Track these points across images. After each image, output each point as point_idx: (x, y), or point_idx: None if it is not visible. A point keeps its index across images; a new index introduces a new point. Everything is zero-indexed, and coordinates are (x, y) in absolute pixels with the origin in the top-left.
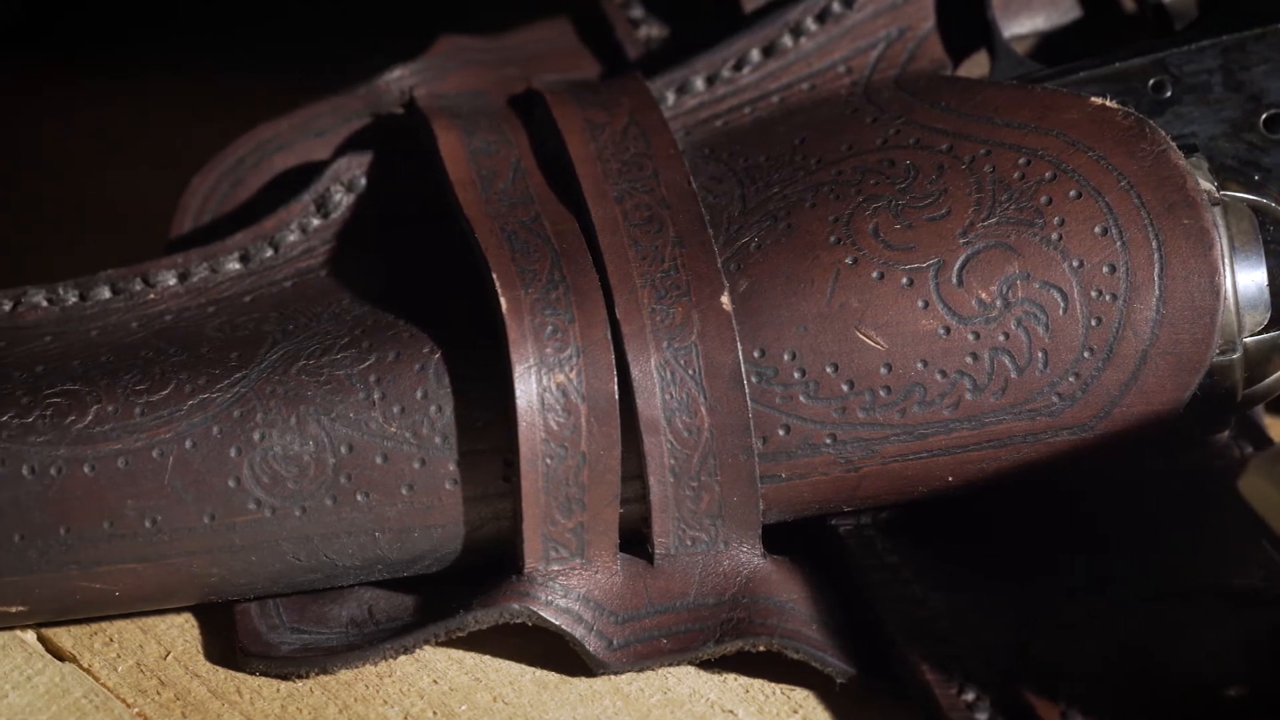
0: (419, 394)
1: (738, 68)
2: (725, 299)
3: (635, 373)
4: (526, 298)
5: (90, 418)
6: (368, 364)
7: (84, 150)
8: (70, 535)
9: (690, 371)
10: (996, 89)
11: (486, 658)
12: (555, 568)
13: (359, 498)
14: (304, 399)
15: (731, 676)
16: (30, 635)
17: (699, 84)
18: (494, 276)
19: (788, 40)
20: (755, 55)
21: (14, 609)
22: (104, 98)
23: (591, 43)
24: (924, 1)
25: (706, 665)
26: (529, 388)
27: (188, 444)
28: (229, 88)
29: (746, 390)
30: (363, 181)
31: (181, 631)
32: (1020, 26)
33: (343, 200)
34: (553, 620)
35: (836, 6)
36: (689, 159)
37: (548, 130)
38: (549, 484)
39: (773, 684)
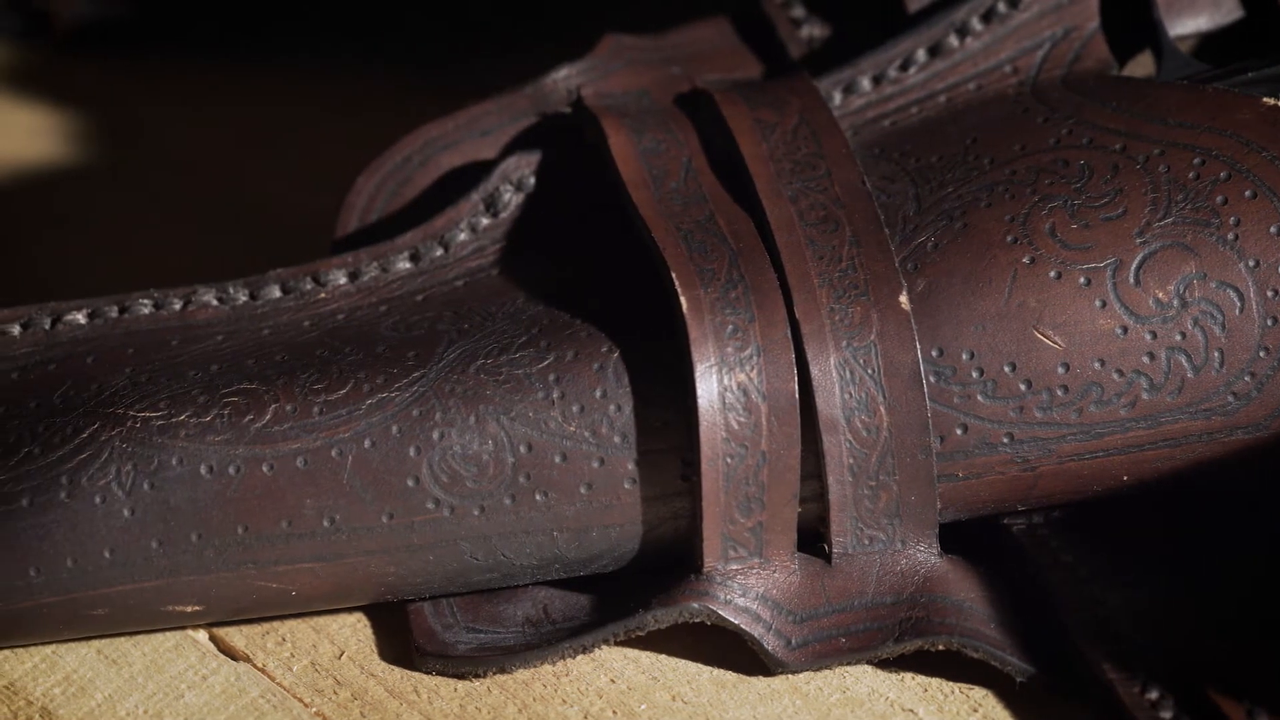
0: (598, 393)
1: (904, 68)
2: (904, 298)
3: (815, 372)
4: (706, 297)
5: (269, 417)
6: (546, 363)
7: (223, 149)
8: (248, 535)
9: (869, 371)
10: (1167, 89)
11: (663, 657)
12: (734, 567)
13: (537, 497)
14: (483, 398)
15: (909, 675)
16: (202, 635)
17: (865, 84)
18: (673, 276)
19: (953, 40)
20: (921, 55)
21: (190, 608)
22: (242, 97)
23: (752, 42)
24: (1088, 2)
25: (883, 664)
26: (710, 387)
27: (367, 443)
28: (364, 86)
29: (925, 389)
30: (531, 180)
31: (354, 631)
32: (1183, 27)
33: (512, 199)
34: (731, 619)
35: (1002, 7)
36: (859, 158)
37: (716, 130)
38: (729, 483)
39: (951, 683)
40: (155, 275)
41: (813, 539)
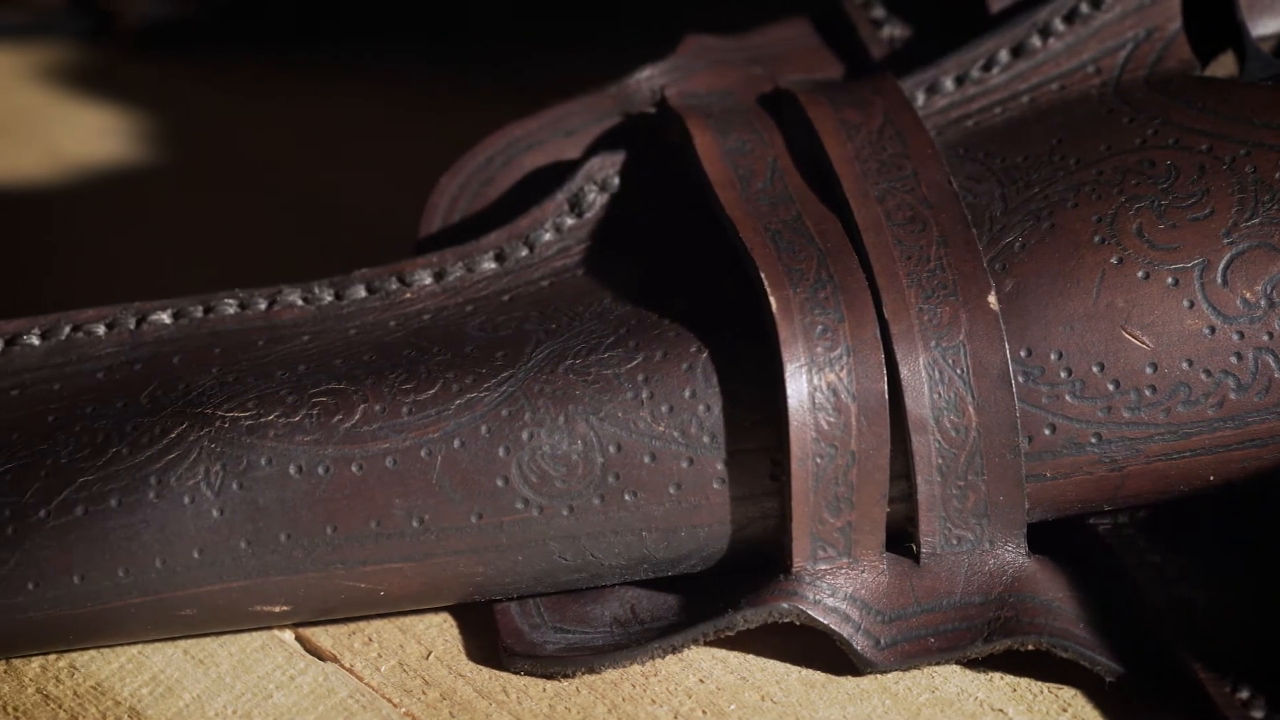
0: (687, 393)
1: (987, 68)
2: (993, 298)
3: (904, 372)
4: (795, 297)
5: (357, 416)
6: (635, 363)
7: (290, 148)
8: (337, 535)
9: (958, 371)
10: (1252, 90)
11: (750, 656)
12: (822, 567)
13: (626, 497)
14: (572, 398)
15: (997, 675)
16: (289, 635)
17: (949, 84)
18: (762, 276)
19: (1036, 41)
20: (1004, 56)
21: (278, 609)
22: (309, 96)
23: (833, 43)
24: (1171, 2)
25: (971, 664)
26: (800, 387)
27: (456, 443)
28: (430, 84)
29: (1014, 389)
30: (616, 181)
31: (441, 631)
32: (1265, 28)
33: (596, 199)
34: (821, 620)
35: (1084, 7)
36: (944, 159)
37: (800, 130)
38: (818, 483)
39: (1040, 683)
40: (226, 274)
41: (900, 539)
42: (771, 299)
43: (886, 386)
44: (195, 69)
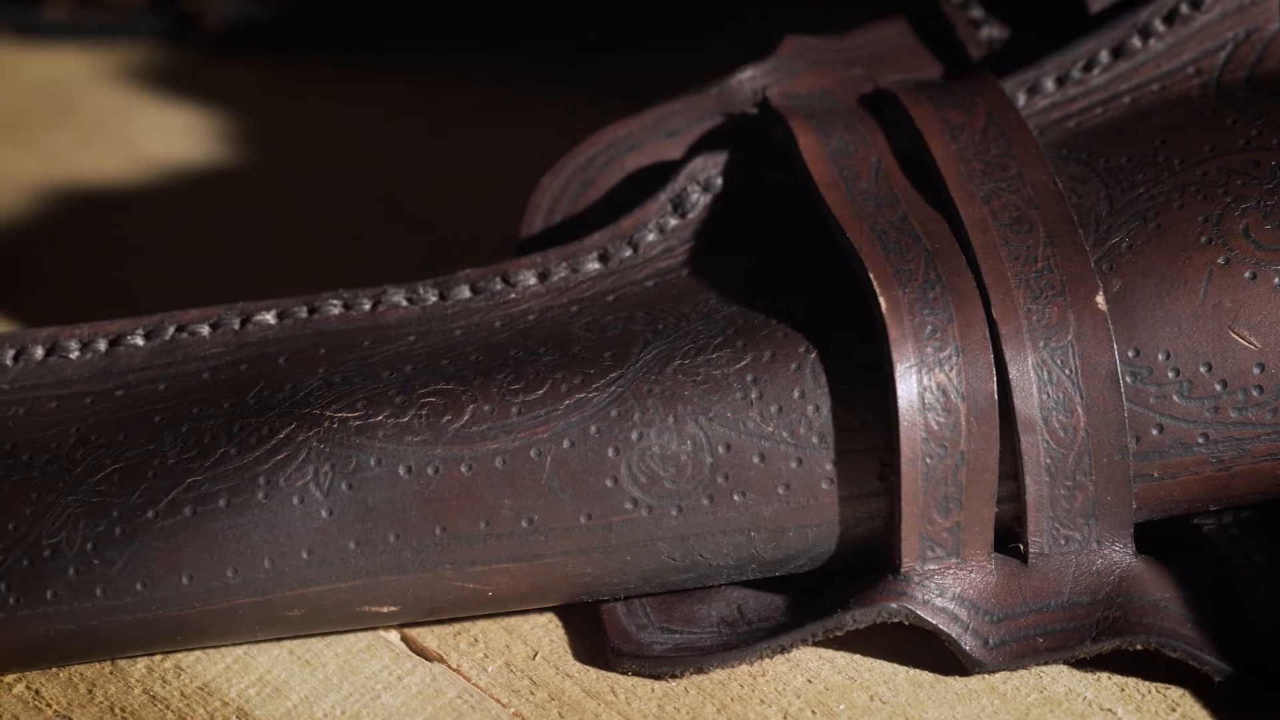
0: (796, 393)
1: (1087, 69)
2: (1100, 299)
3: (1013, 372)
4: (905, 297)
5: (467, 417)
6: (744, 363)
7: (371, 148)
8: (446, 535)
9: (1067, 371)
10: None
11: (858, 656)
12: (931, 567)
13: (735, 497)
14: (681, 399)
15: (1105, 675)
16: (394, 635)
17: (1049, 85)
18: (871, 276)
19: (1136, 42)
20: (1104, 56)
21: (385, 609)
22: (389, 96)
23: (931, 43)
24: (1270, 3)
25: (1079, 664)
26: (910, 387)
27: (565, 443)
28: (515, 85)
29: (1122, 390)
30: (719, 181)
31: (546, 631)
32: None
33: (699, 200)
34: (930, 620)
35: (1184, 8)
36: (1048, 159)
37: (901, 130)
38: (927, 483)
39: (1147, 682)
40: (312, 274)
41: (1006, 539)
42: (881, 299)
43: (996, 387)
44: (276, 69)
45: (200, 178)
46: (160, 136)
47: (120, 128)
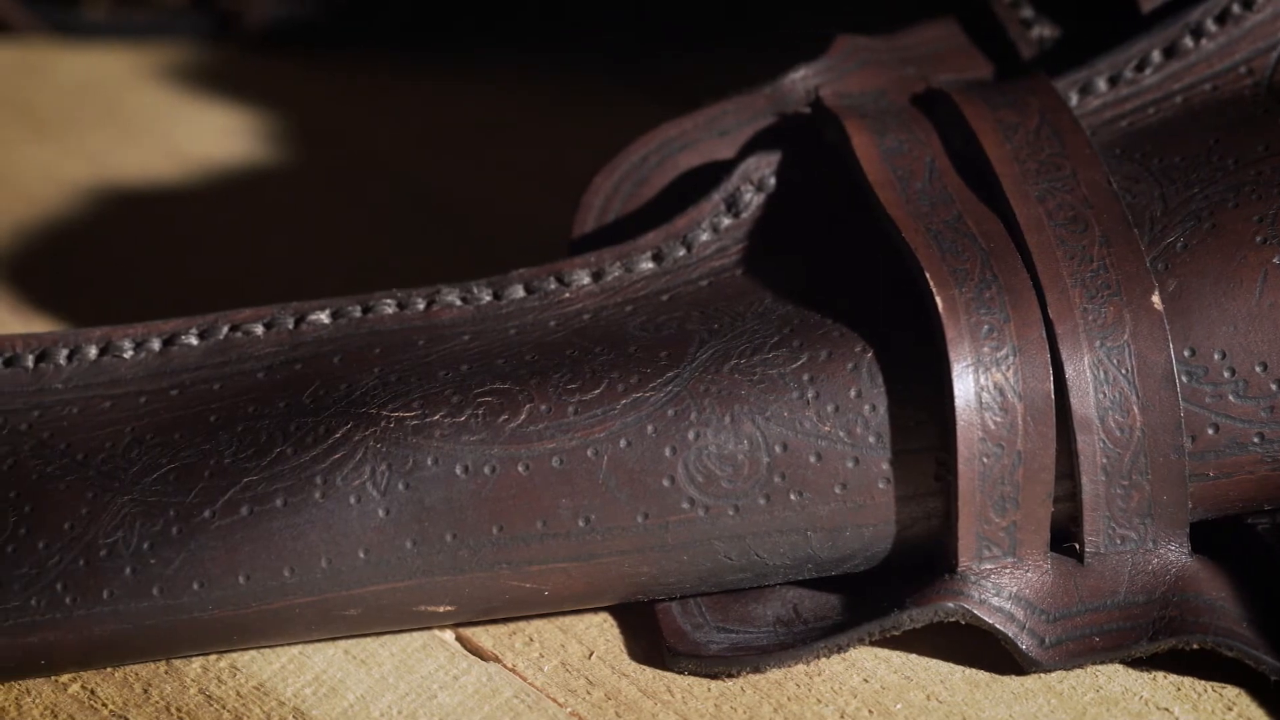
0: (853, 393)
1: (1140, 69)
2: (1156, 298)
3: (1069, 372)
4: (961, 297)
5: (523, 416)
6: (800, 363)
7: (413, 149)
8: (503, 535)
9: (1123, 371)
10: None
11: (914, 656)
12: (987, 566)
13: (792, 497)
14: (738, 398)
15: (1160, 674)
16: (449, 635)
17: (1102, 85)
18: (927, 276)
19: (1188, 41)
20: (1157, 56)
21: (442, 609)
22: (431, 96)
23: (982, 43)
24: None
25: (1134, 663)
26: (967, 386)
27: (622, 443)
28: (558, 85)
29: (1178, 389)
30: (772, 181)
31: (601, 631)
32: None
33: (753, 199)
34: (986, 619)
35: (1236, 8)
36: (1102, 159)
37: (955, 130)
38: (984, 483)
39: (1203, 682)
40: (357, 274)
41: (1061, 539)
42: (938, 299)
43: (1053, 386)
44: (317, 68)
45: (243, 177)
46: (202, 136)
47: (162, 127)
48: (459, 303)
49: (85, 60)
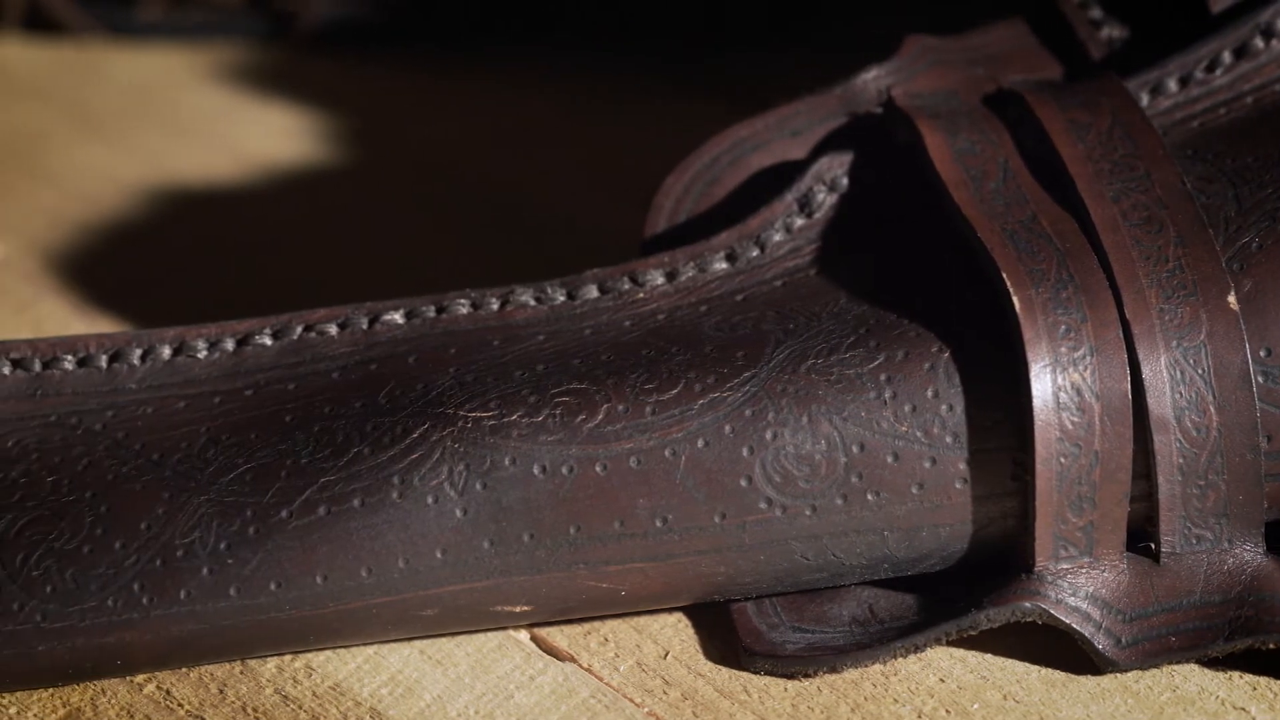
0: (929, 392)
1: (1210, 69)
2: (1232, 298)
3: (1146, 372)
4: (1038, 297)
5: (601, 416)
6: (877, 363)
7: (468, 148)
8: (580, 535)
9: (1199, 371)
10: None
11: (989, 656)
12: (1064, 566)
13: (869, 497)
14: (815, 398)
15: (1236, 674)
16: (524, 635)
17: (1172, 85)
18: (1004, 276)
19: (1259, 42)
20: (1227, 57)
21: (518, 609)
22: (486, 96)
23: (1051, 43)
24: None
25: (1210, 663)
26: (1045, 387)
27: (700, 443)
28: (613, 84)
29: (1254, 389)
30: (844, 181)
31: (676, 631)
32: None
33: (825, 200)
34: (1064, 619)
35: None
36: (1175, 159)
37: (1027, 130)
38: (1061, 483)
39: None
40: (421, 275)
41: (1136, 538)
42: (1015, 299)
43: (1130, 386)
44: (373, 68)
45: (303, 177)
46: (261, 136)
47: (219, 127)
48: (533, 303)
49: (140, 61)
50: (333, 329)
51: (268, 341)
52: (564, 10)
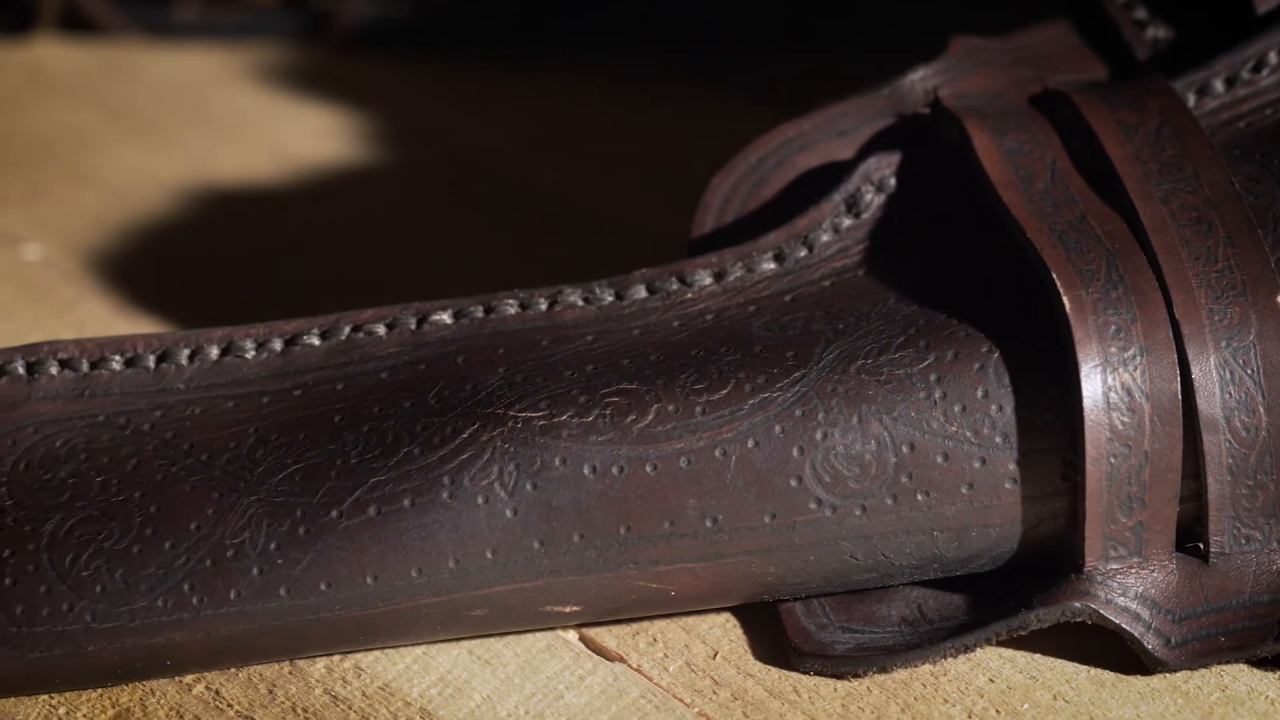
0: (979, 393)
1: (1256, 70)
2: None
3: (1196, 372)
4: (1088, 297)
5: (651, 417)
6: (927, 363)
7: (506, 149)
8: (630, 535)
9: (1249, 371)
10: None
11: (1038, 656)
12: (1114, 566)
13: (919, 497)
14: (865, 398)
15: None
16: (573, 635)
17: (1219, 86)
18: (1054, 276)
19: None
20: (1273, 58)
21: (568, 609)
22: (524, 97)
23: (1096, 44)
24: None
25: (1260, 663)
26: (1095, 387)
27: (750, 443)
28: (651, 87)
29: None
30: (892, 181)
31: (724, 631)
32: None
33: (873, 200)
34: (1113, 619)
35: None
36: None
37: (1074, 130)
38: (1111, 483)
39: None
40: (467, 275)
41: (1185, 538)
42: (1065, 299)
43: (1180, 387)
44: (410, 68)
45: (344, 177)
46: (300, 136)
47: (257, 127)
48: (581, 303)
49: (177, 61)
50: (380, 329)
51: (315, 342)
52: (605, 11)
